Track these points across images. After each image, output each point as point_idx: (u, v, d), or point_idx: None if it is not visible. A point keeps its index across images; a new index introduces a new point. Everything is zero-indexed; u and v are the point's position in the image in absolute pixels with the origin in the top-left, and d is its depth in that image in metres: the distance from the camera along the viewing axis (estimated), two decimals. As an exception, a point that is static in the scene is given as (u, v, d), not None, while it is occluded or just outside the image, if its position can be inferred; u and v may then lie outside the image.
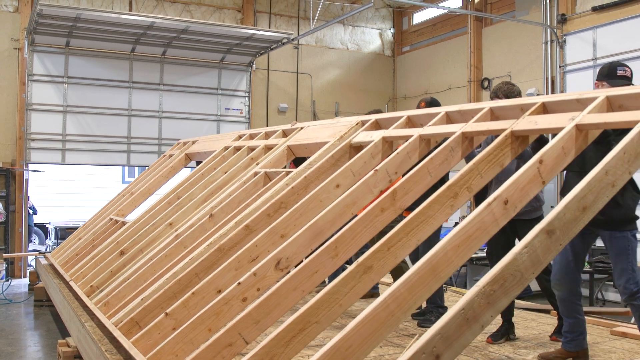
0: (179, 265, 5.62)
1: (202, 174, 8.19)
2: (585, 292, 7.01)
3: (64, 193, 18.79)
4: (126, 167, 19.48)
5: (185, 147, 10.66)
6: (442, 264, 3.25)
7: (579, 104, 3.90)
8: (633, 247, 4.61)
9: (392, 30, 19.26)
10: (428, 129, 4.87)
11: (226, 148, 8.50)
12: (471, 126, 4.46)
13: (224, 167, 7.81)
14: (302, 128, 7.12)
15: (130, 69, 15.51)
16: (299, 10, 17.79)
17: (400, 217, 4.56)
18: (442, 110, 5.05)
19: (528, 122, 4.00)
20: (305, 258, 4.28)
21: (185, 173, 10.77)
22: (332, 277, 5.27)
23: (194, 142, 10.65)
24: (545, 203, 5.82)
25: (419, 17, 18.82)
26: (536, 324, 6.35)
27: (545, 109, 4.14)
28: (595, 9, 13.00)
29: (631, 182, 4.61)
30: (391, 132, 5.30)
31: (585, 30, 12.74)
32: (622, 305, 10.85)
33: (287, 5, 17.69)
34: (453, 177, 3.92)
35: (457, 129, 4.55)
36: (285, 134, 7.43)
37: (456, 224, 14.38)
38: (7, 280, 12.80)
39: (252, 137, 8.36)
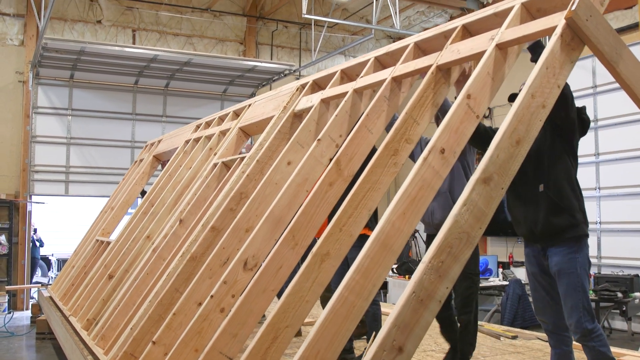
0: (159, 283, 5.46)
1: (170, 174, 7.94)
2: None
3: (67, 225, 18.66)
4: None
5: (152, 149, 10.39)
6: (392, 236, 3.04)
7: (498, 18, 3.63)
8: (584, 283, 4.00)
9: (392, 60, 18.93)
10: (360, 81, 4.60)
11: (187, 142, 8.24)
12: (399, 69, 4.20)
13: (187, 163, 7.56)
14: (250, 105, 6.84)
15: (134, 101, 15.37)
16: (301, 41, 17.53)
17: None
18: (371, 56, 4.78)
19: (451, 53, 3.74)
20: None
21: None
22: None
23: (159, 142, 10.37)
24: None
25: (419, 47, 18.44)
26: (542, 354, 6.13)
27: (467, 31, 3.87)
28: (594, 36, 12.55)
29: (569, 180, 4.11)
30: (328, 92, 5.03)
31: (585, 59, 12.09)
32: (629, 334, 10.50)
33: (288, 37, 17.45)
34: (389, 134, 3.67)
35: (387, 74, 4.29)
36: (236, 114, 7.15)
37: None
38: (9, 313, 12.74)
39: (208, 124, 8.08)
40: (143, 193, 9.80)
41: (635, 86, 2.96)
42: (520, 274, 12.21)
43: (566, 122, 4.00)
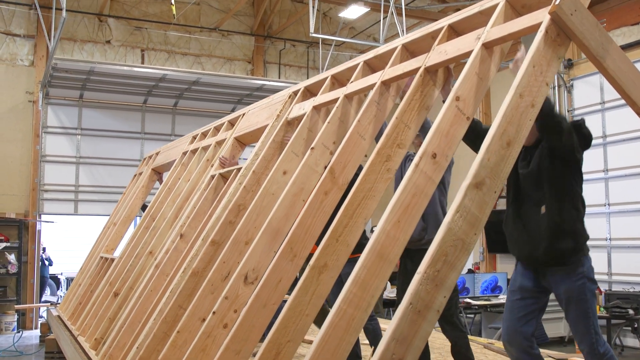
0: (163, 300, 5.43)
1: (169, 188, 7.92)
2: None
3: (76, 244, 18.65)
4: (137, 217, 19.33)
5: (151, 162, 10.36)
6: (388, 246, 3.01)
7: (483, 16, 3.58)
8: (593, 307, 3.82)
9: (401, 78, 19.04)
10: (350, 87, 4.56)
11: (184, 153, 8.22)
12: (388, 72, 4.15)
13: (185, 175, 7.54)
14: (244, 114, 6.81)
15: (143, 120, 15.45)
16: (308, 60, 17.59)
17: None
18: (360, 60, 4.74)
19: (438, 54, 3.70)
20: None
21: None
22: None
23: (157, 154, 10.34)
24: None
25: (427, 64, 18.52)
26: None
27: (453, 31, 3.83)
28: (600, 52, 12.60)
29: (572, 201, 3.86)
30: (319, 98, 4.99)
31: (592, 75, 12.20)
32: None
33: (296, 55, 17.53)
34: (381, 140, 3.63)
35: (377, 78, 4.25)
36: (231, 124, 7.13)
37: (469, 270, 13.94)
38: (19, 332, 12.78)
39: (204, 135, 8.06)
40: (144, 208, 9.77)
41: (623, 81, 2.92)
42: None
43: (562, 148, 3.77)
